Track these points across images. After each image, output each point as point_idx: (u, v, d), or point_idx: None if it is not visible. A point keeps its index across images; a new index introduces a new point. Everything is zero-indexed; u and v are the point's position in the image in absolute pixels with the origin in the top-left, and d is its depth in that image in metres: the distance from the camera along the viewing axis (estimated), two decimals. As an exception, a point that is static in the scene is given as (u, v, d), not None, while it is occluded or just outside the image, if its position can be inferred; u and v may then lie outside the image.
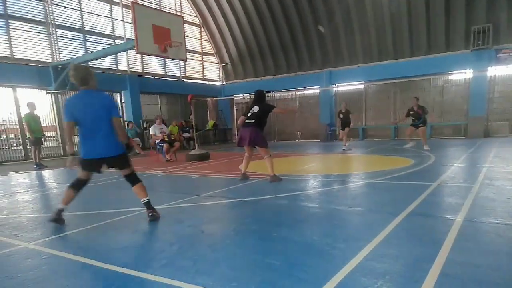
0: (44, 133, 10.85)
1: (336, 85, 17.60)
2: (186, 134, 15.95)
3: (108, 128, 3.63)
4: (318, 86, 17.76)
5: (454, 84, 15.09)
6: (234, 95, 20.84)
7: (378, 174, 6.23)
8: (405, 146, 10.77)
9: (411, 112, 10.50)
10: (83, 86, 3.71)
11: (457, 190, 4.64)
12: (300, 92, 19.14)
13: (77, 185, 3.83)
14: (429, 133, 15.12)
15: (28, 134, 10.17)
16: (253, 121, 5.93)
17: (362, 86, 17.12)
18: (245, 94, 20.65)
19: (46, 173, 9.00)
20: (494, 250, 2.59)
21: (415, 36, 14.98)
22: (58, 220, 3.79)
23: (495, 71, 13.85)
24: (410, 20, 14.68)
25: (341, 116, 11.74)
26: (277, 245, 2.88)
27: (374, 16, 15.28)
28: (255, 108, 6.01)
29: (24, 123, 10.20)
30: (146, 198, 3.90)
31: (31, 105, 10.16)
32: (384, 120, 16.48)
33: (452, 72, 14.79)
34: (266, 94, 6.35)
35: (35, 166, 10.02)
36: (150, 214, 3.84)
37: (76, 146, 5.72)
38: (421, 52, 15.01)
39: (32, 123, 10.00)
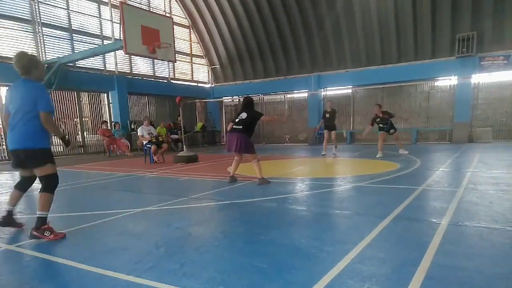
0: None
1: (325, 89, 17.75)
2: (174, 136, 15.84)
3: (27, 120, 3.25)
4: (307, 90, 17.87)
5: (440, 90, 15.40)
6: (223, 98, 20.80)
7: (365, 178, 6.30)
8: (400, 152, 10.19)
9: (377, 120, 10.08)
10: (24, 75, 3.38)
11: (442, 194, 4.72)
12: (289, 96, 19.23)
13: (19, 185, 3.62)
14: (415, 137, 15.38)
15: None
16: (240, 127, 6.02)
17: (350, 90, 17.31)
18: (234, 97, 20.64)
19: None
20: (478, 253, 2.64)
21: (402, 43, 15.24)
22: (10, 223, 3.58)
23: (479, 78, 14.19)
24: (397, 27, 14.94)
25: (327, 115, 10.84)
26: (265, 248, 2.88)
27: (363, 22, 15.49)
28: (243, 115, 6.09)
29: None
30: (43, 213, 3.33)
31: None
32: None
33: (438, 78, 15.08)
34: (254, 101, 6.43)
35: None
36: (33, 233, 3.28)
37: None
38: (408, 58, 15.29)
39: None
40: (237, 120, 6.13)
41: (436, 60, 14.66)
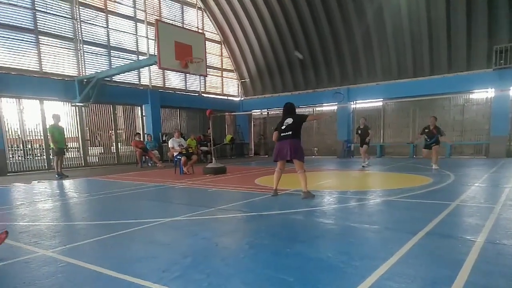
0: (67, 144, 11.18)
1: (354, 102, 17.52)
2: (204, 148, 16.11)
3: None
4: (336, 103, 17.70)
5: (475, 103, 14.80)
6: (252, 111, 21.01)
7: (395, 192, 6.12)
8: (433, 167, 9.88)
9: (426, 130, 10.31)
10: None
11: (478, 211, 4.51)
12: (318, 109, 19.12)
13: None
14: (449, 152, 14.81)
15: (51, 145, 10.49)
16: (290, 133, 5.75)
17: (381, 103, 16.98)
18: (262, 110, 20.80)
19: (66, 183, 9.24)
20: (517, 274, 2.49)
21: (435, 55, 14.85)
22: None
23: (517, 90, 13.54)
24: (430, 38, 14.59)
25: (359, 132, 11.50)
26: (291, 261, 2.86)
27: (394, 33, 15.26)
28: (289, 120, 5.85)
29: (48, 134, 10.54)
30: None
31: (56, 117, 10.53)
32: (402, 137, 16.23)
33: (473, 91, 14.53)
34: (294, 106, 6.21)
35: (57, 176, 10.30)
36: None
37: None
38: (442, 71, 14.84)
39: (56, 134, 10.33)
40: (283, 127, 5.84)
41: (472, 73, 14.14)
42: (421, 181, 7.40)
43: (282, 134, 5.82)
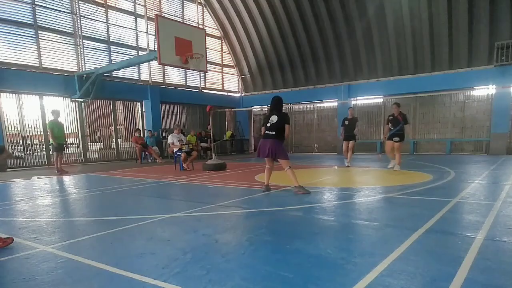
0: (66, 140, 11.16)
1: (355, 98, 17.50)
2: (204, 144, 16.11)
3: None
4: (337, 99, 17.70)
5: (476, 100, 14.79)
6: (252, 107, 21.00)
7: (395, 189, 6.12)
8: (389, 166, 9.32)
9: (391, 118, 9.03)
10: None
11: (478, 208, 4.51)
12: (318, 105, 19.10)
13: None
14: (449, 148, 14.81)
15: (51, 140, 10.46)
16: (273, 133, 5.86)
17: (381, 100, 16.96)
18: (263, 106, 20.78)
19: (66, 179, 9.24)
20: (517, 271, 2.49)
21: (436, 51, 14.82)
22: None
23: (519, 87, 13.52)
24: (431, 35, 14.55)
25: (347, 123, 10.02)
26: (291, 257, 2.86)
27: (395, 29, 15.22)
28: (274, 118, 5.91)
29: (48, 130, 10.53)
30: None
31: (56, 112, 10.49)
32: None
33: (474, 87, 14.50)
34: (283, 100, 6.20)
35: (57, 172, 10.29)
36: None
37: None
38: (443, 67, 14.81)
39: (55, 130, 10.30)
40: (268, 124, 5.94)
41: (473, 69, 14.12)
42: (421, 178, 7.40)
43: (266, 132, 5.96)
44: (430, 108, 15.71)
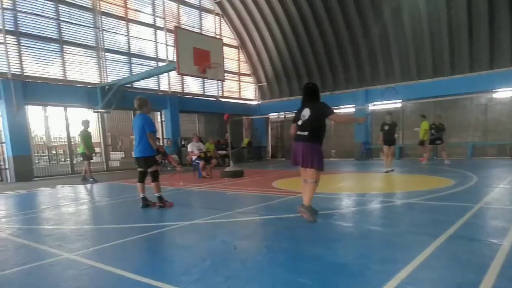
0: (94, 149, 11.44)
1: (373, 103, 17.27)
2: (222, 152, 16.21)
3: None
4: (354, 105, 17.51)
5: (499, 103, 14.33)
6: (269, 114, 21.03)
7: (416, 194, 5.99)
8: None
9: (386, 128, 10.12)
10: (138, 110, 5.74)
11: (503, 213, 4.36)
12: (335, 111, 18.89)
13: (139, 178, 5.95)
14: (470, 152, 14.38)
15: (82, 150, 10.68)
16: (306, 133, 4.38)
17: (400, 104, 16.68)
18: (280, 113, 20.80)
19: (89, 187, 9.48)
20: (546, 279, 2.39)
21: (456, 54, 14.47)
22: (147, 205, 5.81)
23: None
24: (451, 37, 14.24)
25: (386, 128, 10.07)
26: (310, 265, 2.84)
27: (413, 33, 14.98)
28: (306, 113, 4.43)
29: (80, 140, 10.82)
30: (159, 194, 5.74)
31: (85, 123, 10.80)
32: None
33: (496, 90, 14.07)
34: (319, 89, 4.72)
35: (90, 180, 10.49)
36: (158, 204, 5.74)
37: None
38: (463, 70, 14.45)
39: (87, 140, 10.60)
40: (299, 122, 4.49)
41: (495, 71, 13.70)
42: (442, 183, 7.21)
43: (297, 133, 4.51)
44: (451, 112, 15.31)
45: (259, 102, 21.65)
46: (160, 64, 15.84)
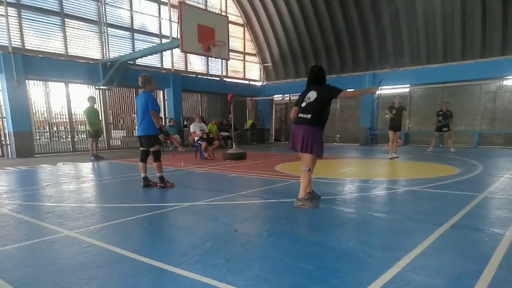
0: (101, 126, 11.38)
1: (380, 88, 17.01)
2: (224, 133, 16.16)
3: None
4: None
5: (509, 90, 14.08)
6: (274, 96, 20.83)
7: (420, 182, 5.95)
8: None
9: (394, 111, 10.00)
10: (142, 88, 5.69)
11: (507, 203, 4.31)
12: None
13: (142, 157, 5.97)
14: (477, 141, 14.26)
15: (87, 127, 10.68)
16: (309, 116, 4.19)
17: (408, 89, 16.44)
18: (284, 95, 20.59)
19: (90, 165, 9.49)
20: (550, 272, 2.36)
21: (468, 38, 14.13)
22: (148, 185, 5.86)
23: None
24: (463, 21, 13.87)
25: (394, 111, 9.86)
26: (310, 249, 2.82)
27: (424, 16, 14.60)
28: (312, 95, 4.25)
29: (85, 116, 10.79)
30: (161, 174, 5.78)
31: (92, 99, 10.73)
32: (429, 125, 15.71)
33: (507, 77, 13.80)
34: (325, 72, 4.53)
35: (92, 158, 10.52)
36: (160, 185, 5.80)
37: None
38: (475, 55, 14.14)
39: (92, 117, 10.56)
40: (303, 104, 4.29)
41: (507, 57, 13.40)
42: (447, 171, 7.16)
43: (299, 115, 4.29)
44: (459, 99, 15.09)
45: (264, 83, 21.40)
46: (164, 41, 15.60)
